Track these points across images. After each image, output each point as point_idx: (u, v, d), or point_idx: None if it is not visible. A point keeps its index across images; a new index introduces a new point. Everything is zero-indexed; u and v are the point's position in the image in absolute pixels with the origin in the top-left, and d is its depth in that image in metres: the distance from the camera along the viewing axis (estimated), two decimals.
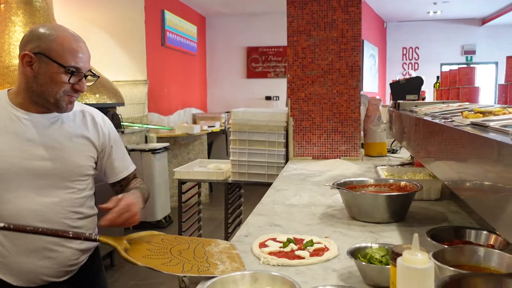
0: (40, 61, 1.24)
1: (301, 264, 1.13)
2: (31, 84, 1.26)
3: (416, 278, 0.70)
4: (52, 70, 1.25)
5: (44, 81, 1.25)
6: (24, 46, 1.26)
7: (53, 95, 1.27)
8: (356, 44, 2.82)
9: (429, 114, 1.69)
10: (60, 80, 1.26)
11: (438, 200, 1.77)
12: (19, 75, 1.30)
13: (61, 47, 1.26)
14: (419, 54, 9.29)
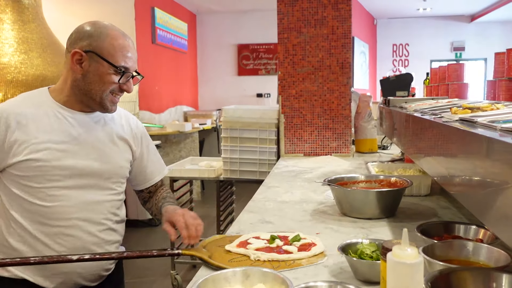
0: (90, 60, 1.23)
1: (289, 259, 1.13)
2: (78, 83, 1.25)
3: (405, 273, 0.71)
4: (102, 69, 1.24)
5: (93, 79, 1.24)
6: (74, 44, 1.25)
7: (99, 94, 1.26)
8: (346, 41, 2.83)
9: (418, 110, 1.71)
10: (109, 80, 1.25)
11: (428, 196, 1.79)
12: (65, 73, 1.29)
13: (112, 46, 1.24)
14: (409, 51, 9.34)
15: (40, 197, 1.23)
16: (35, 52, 3.79)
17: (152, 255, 1.17)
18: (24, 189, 1.23)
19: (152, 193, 1.52)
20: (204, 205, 5.24)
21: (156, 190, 1.52)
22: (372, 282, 0.99)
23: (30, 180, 1.22)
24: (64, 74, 1.30)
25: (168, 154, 5.40)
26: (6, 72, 3.57)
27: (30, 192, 1.23)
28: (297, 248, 1.19)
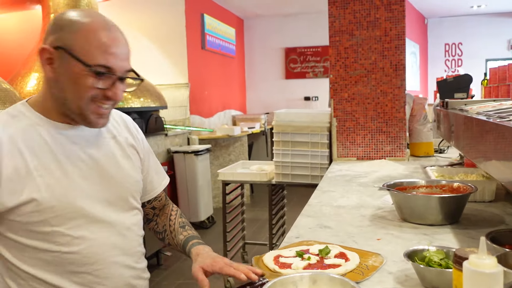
0: (61, 59, 0.95)
1: (347, 271, 1.07)
2: (52, 89, 0.98)
3: (484, 282, 0.69)
4: (74, 69, 0.94)
5: (66, 84, 0.95)
6: (45, 39, 0.97)
7: (76, 103, 0.96)
8: (400, 43, 2.78)
9: (482, 113, 1.64)
10: (85, 84, 0.95)
11: (493, 202, 1.72)
12: (43, 83, 1.02)
13: (87, 40, 0.94)
14: (463, 50, 9.00)
15: (62, 242, 0.98)
16: None
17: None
18: (37, 236, 0.97)
19: (158, 211, 1.27)
20: (253, 208, 5.28)
21: (162, 207, 1.28)
22: None
23: (41, 224, 0.96)
24: (43, 83, 1.03)
25: (218, 158, 5.49)
26: None
27: (46, 238, 0.97)
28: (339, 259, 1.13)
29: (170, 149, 4.65)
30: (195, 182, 4.60)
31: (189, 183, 4.60)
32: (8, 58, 4.13)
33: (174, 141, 4.82)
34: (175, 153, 4.62)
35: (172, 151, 4.63)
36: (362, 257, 1.17)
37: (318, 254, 1.17)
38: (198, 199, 4.61)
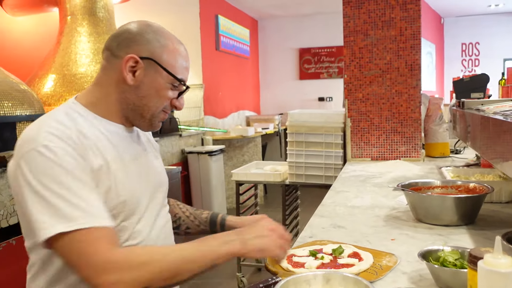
0: (147, 69, 1.02)
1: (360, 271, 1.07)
2: (128, 95, 1.03)
3: (499, 282, 0.69)
4: (160, 81, 1.02)
5: (147, 93, 1.03)
6: (126, 47, 1.01)
7: (152, 111, 1.05)
8: (415, 42, 2.75)
9: (499, 112, 1.62)
10: (165, 95, 1.04)
11: (510, 203, 1.69)
12: (104, 80, 1.05)
13: (173, 55, 1.04)
14: (480, 50, 8.87)
15: (125, 236, 1.01)
16: None
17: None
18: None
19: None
20: (267, 208, 5.28)
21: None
22: None
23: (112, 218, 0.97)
24: (103, 82, 1.05)
25: (232, 159, 5.50)
26: (83, 82, 3.81)
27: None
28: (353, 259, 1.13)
29: (184, 150, 4.68)
30: (209, 182, 4.62)
31: (203, 183, 4.62)
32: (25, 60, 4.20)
33: (188, 141, 4.85)
34: (189, 154, 4.65)
35: (186, 151, 4.66)
36: (376, 257, 1.16)
37: (332, 254, 1.16)
38: (212, 199, 4.63)
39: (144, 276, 0.86)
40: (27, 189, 0.88)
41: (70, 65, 3.87)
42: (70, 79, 3.79)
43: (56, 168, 0.89)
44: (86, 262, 0.85)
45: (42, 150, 0.90)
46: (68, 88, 3.72)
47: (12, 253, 2.02)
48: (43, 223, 0.86)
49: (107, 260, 0.85)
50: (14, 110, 2.65)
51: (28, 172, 0.88)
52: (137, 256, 0.89)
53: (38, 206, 0.86)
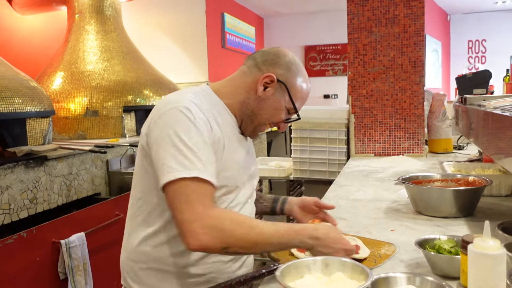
0: (277, 90, 1.17)
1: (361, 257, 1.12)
2: (251, 101, 1.18)
3: (488, 264, 0.72)
4: (281, 104, 1.18)
5: (267, 107, 1.18)
6: (270, 66, 1.18)
7: (261, 122, 1.20)
8: (419, 39, 2.78)
9: (498, 107, 1.65)
10: (279, 115, 1.20)
11: (509, 196, 1.72)
12: (239, 83, 1.20)
13: (301, 88, 1.20)
14: (486, 47, 8.84)
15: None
16: (116, 60, 4.07)
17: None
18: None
19: None
20: None
21: None
22: (450, 277, 0.99)
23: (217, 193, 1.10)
24: (237, 82, 1.21)
25: None
26: (91, 79, 3.87)
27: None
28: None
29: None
30: None
31: None
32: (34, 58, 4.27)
33: None
34: None
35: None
36: (375, 246, 1.20)
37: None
38: None
39: (228, 239, 0.97)
40: (164, 139, 1.01)
41: (78, 63, 3.93)
42: (78, 77, 3.85)
43: (192, 126, 1.03)
44: (189, 208, 0.96)
45: (184, 110, 1.05)
46: (76, 86, 3.78)
47: (23, 246, 2.07)
48: (170, 168, 0.98)
49: (206, 213, 0.97)
50: (24, 107, 2.71)
51: (167, 125, 1.03)
52: (230, 221, 0.99)
53: (169, 153, 1.00)
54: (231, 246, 0.97)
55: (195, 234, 0.94)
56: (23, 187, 2.39)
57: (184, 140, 1.01)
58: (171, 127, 1.02)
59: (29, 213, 2.43)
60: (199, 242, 0.94)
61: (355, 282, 0.88)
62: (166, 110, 1.05)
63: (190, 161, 0.99)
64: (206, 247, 0.95)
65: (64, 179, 2.71)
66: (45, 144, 2.94)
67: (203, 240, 0.94)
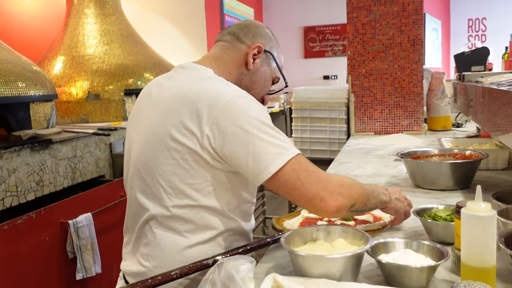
0: (264, 60, 1.19)
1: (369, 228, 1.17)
2: (244, 77, 1.18)
3: (479, 225, 0.77)
4: (269, 73, 1.20)
5: (258, 80, 1.19)
6: (253, 38, 1.18)
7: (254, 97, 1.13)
8: (418, 17, 2.79)
9: (495, 83, 1.68)
10: (268, 86, 1.22)
11: (505, 170, 1.77)
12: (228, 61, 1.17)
13: (281, 57, 1.25)
14: (487, 26, 8.80)
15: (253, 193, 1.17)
16: (116, 43, 4.08)
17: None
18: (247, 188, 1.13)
19: None
20: None
21: None
22: (446, 243, 1.04)
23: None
24: (224, 60, 1.17)
25: None
26: (92, 63, 3.89)
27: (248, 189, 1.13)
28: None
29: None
30: None
31: None
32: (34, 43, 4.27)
33: None
34: None
35: None
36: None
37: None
38: None
39: (355, 195, 0.99)
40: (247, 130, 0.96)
41: (79, 47, 3.94)
42: (78, 61, 3.86)
43: (259, 106, 1.02)
44: (315, 178, 0.96)
45: (244, 94, 1.03)
46: (77, 70, 3.80)
47: (32, 226, 2.13)
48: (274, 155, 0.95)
49: (329, 177, 0.99)
50: (28, 91, 2.74)
51: (240, 115, 0.97)
52: (348, 180, 1.03)
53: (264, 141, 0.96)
54: (356, 202, 0.99)
55: (332, 196, 0.95)
56: (29, 170, 2.44)
57: (267, 123, 0.98)
58: (246, 115, 0.97)
59: (36, 195, 2.48)
60: (337, 202, 0.95)
61: (355, 247, 0.93)
62: (226, 102, 0.99)
63: (285, 142, 0.98)
64: (342, 206, 0.96)
65: (69, 162, 2.76)
66: (49, 128, 2.98)
67: (339, 199, 0.95)
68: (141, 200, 1.07)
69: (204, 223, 1.04)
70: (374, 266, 0.95)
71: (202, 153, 0.99)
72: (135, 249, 1.11)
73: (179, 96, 1.04)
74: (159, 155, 1.03)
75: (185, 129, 1.00)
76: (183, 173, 1.01)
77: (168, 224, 1.04)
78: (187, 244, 1.04)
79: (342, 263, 0.84)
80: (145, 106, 1.14)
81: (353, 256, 0.85)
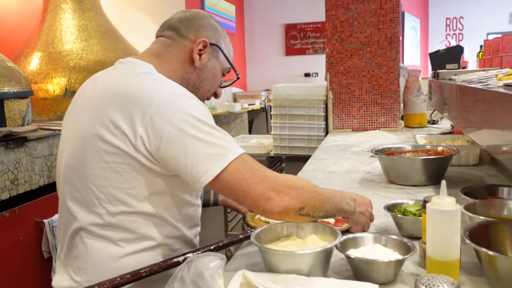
0: (211, 54, 1.11)
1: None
2: (191, 75, 1.10)
3: (443, 219, 0.79)
4: (218, 67, 1.13)
5: (207, 77, 1.11)
6: (196, 31, 1.09)
7: (205, 95, 1.13)
8: (395, 16, 2.83)
9: (466, 80, 1.72)
10: (218, 81, 1.15)
11: (477, 166, 1.81)
12: (171, 58, 1.09)
13: (230, 46, 1.16)
14: (464, 24, 8.97)
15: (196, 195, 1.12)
16: (94, 39, 4.02)
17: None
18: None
19: None
20: None
21: None
22: (415, 238, 1.06)
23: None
24: (167, 58, 1.09)
25: None
26: (69, 59, 3.82)
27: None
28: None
29: None
30: None
31: None
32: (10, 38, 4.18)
33: None
34: None
35: None
36: None
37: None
38: None
39: (304, 197, 0.92)
40: (185, 129, 0.89)
41: (56, 43, 3.87)
42: (55, 57, 3.79)
43: (199, 103, 0.96)
44: (260, 178, 0.90)
45: (182, 91, 0.96)
46: (54, 66, 3.74)
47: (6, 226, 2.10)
48: (215, 156, 0.89)
49: (276, 176, 0.93)
50: (2, 87, 2.69)
51: (177, 113, 0.90)
52: (298, 180, 0.96)
53: (203, 142, 0.89)
54: (306, 205, 0.93)
55: (279, 197, 0.89)
56: (4, 168, 2.39)
57: (207, 122, 0.92)
58: (184, 114, 0.90)
59: (10, 194, 2.44)
60: (284, 203, 0.89)
61: (326, 243, 0.94)
62: (162, 100, 0.92)
63: (227, 142, 0.92)
64: (288, 207, 0.90)
65: (45, 160, 2.71)
66: (24, 125, 2.93)
67: (286, 200, 0.89)
68: (71, 208, 0.99)
69: (142, 231, 0.97)
70: (344, 261, 0.96)
71: (137, 155, 0.92)
72: (66, 262, 1.03)
73: (111, 93, 0.96)
74: (89, 158, 0.95)
75: (116, 129, 0.92)
76: (116, 177, 0.94)
77: (100, 233, 0.97)
78: (121, 253, 0.97)
79: (311, 258, 0.85)
80: (78, 104, 1.07)
81: (322, 251, 0.86)
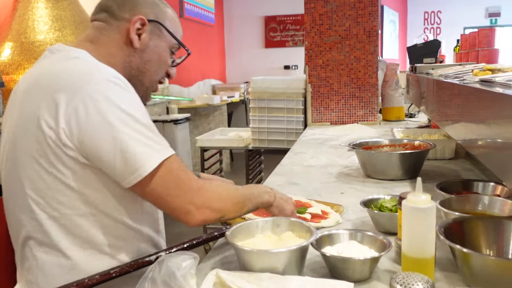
0: (152, 32, 1.00)
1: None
2: (132, 59, 0.99)
3: (418, 217, 0.78)
4: (163, 45, 1.02)
5: (151, 57, 1.01)
6: (131, 10, 0.98)
7: (152, 77, 1.03)
8: (373, 9, 2.83)
9: (443, 75, 1.73)
10: (166, 61, 1.05)
11: (452, 160, 1.82)
12: (108, 43, 0.98)
13: (174, 20, 1.05)
14: (441, 18, 9.06)
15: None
16: (68, 29, 3.92)
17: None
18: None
19: None
20: (233, 175, 5.38)
21: None
22: (391, 233, 1.06)
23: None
24: (103, 43, 0.98)
25: (198, 127, 5.53)
26: (42, 49, 3.72)
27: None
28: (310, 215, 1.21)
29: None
30: (175, 150, 4.63)
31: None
32: None
33: (152, 110, 4.84)
34: (154, 122, 4.62)
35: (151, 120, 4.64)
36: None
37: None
38: None
39: (226, 206, 0.93)
40: (112, 123, 0.82)
41: (28, 33, 3.75)
42: (28, 47, 3.68)
43: (132, 96, 0.88)
44: (183, 189, 0.88)
45: (116, 81, 0.86)
46: (27, 56, 3.63)
47: None
48: (142, 155, 0.83)
49: (200, 188, 0.90)
50: None
51: (104, 104, 0.82)
52: (221, 189, 0.97)
53: (131, 138, 0.83)
54: (227, 213, 0.94)
55: (199, 211, 0.88)
56: None
57: (138, 118, 0.85)
58: (115, 106, 0.82)
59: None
60: (203, 217, 0.89)
61: (302, 240, 0.93)
62: (90, 88, 0.82)
63: (155, 141, 0.87)
64: (208, 220, 0.91)
65: None
66: None
67: (205, 214, 0.89)
68: (17, 214, 0.90)
69: (89, 236, 0.89)
70: (320, 258, 0.95)
71: (66, 150, 0.83)
72: (21, 272, 0.96)
73: (36, 85, 0.87)
74: (23, 160, 0.86)
75: (44, 123, 0.82)
76: (51, 178, 0.85)
77: (46, 242, 0.88)
78: (72, 263, 0.88)
79: (285, 256, 0.84)
80: (11, 102, 0.98)
81: (297, 249, 0.85)
